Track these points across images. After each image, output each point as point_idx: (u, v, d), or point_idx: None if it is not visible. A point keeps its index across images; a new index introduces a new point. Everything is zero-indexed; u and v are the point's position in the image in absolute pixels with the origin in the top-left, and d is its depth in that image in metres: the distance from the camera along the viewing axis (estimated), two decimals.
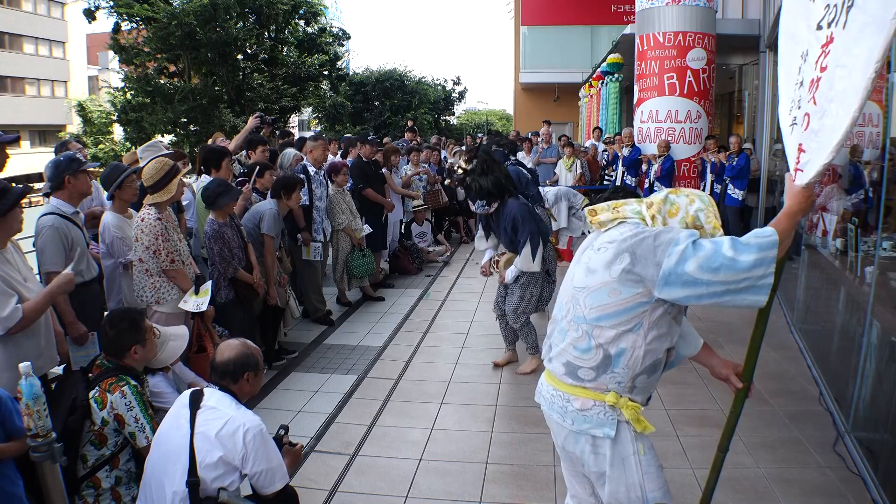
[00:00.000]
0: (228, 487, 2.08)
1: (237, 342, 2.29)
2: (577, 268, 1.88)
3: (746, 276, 1.62)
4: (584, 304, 1.79)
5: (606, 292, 1.75)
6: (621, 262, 1.73)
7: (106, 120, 24.80)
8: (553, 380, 1.93)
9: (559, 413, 1.89)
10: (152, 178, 3.47)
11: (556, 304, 1.97)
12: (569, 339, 1.84)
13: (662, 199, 1.84)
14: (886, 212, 3.58)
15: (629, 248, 1.73)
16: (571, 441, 1.90)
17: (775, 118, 8.63)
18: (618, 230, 1.83)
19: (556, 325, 1.94)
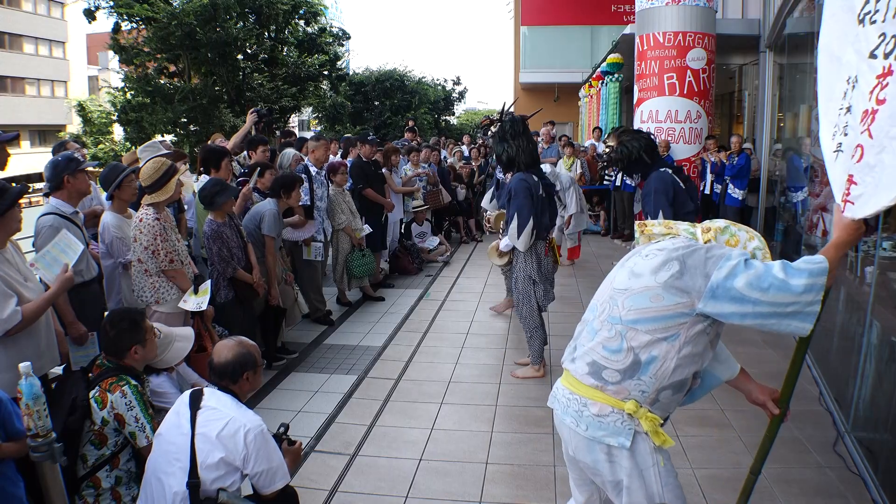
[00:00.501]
0: (229, 488, 2.08)
1: (233, 342, 2.28)
2: (621, 271, 1.85)
3: (795, 301, 1.61)
4: (623, 305, 1.76)
5: (648, 297, 1.72)
6: (669, 269, 1.71)
7: (106, 120, 24.80)
8: (572, 382, 1.86)
9: (573, 417, 1.82)
10: (150, 178, 3.47)
11: (590, 307, 1.92)
12: (599, 338, 1.80)
13: (721, 228, 1.83)
14: (886, 212, 3.58)
15: (680, 257, 1.72)
16: (584, 450, 1.82)
17: (775, 118, 8.64)
18: (669, 241, 1.83)
19: (586, 325, 1.90)
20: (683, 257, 1.72)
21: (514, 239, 4.09)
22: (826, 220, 5.14)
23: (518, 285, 4.26)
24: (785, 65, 8.05)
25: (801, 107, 6.77)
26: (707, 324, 1.73)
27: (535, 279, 4.20)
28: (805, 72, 6.38)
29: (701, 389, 1.98)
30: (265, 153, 5.56)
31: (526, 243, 4.09)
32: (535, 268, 4.18)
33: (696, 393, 1.98)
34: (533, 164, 4.20)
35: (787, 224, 6.92)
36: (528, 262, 4.19)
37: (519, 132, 4.16)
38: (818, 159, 5.54)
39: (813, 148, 5.65)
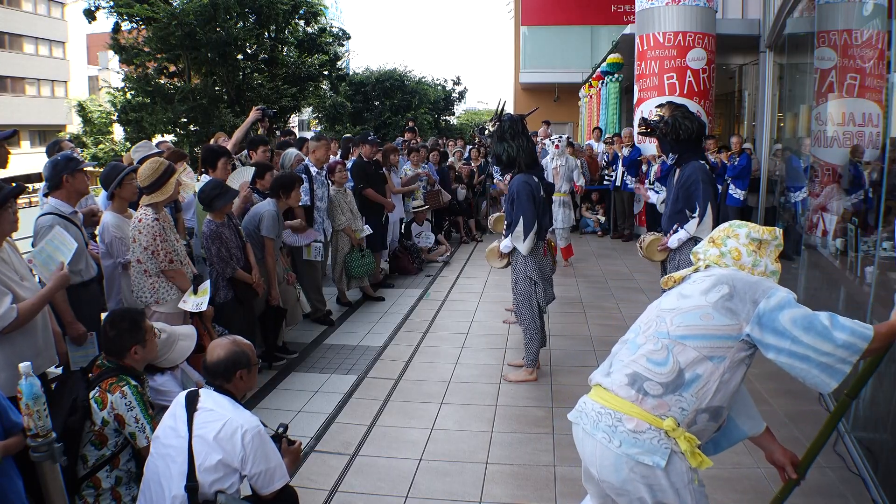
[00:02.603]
0: (228, 489, 2.07)
1: (227, 341, 2.27)
2: (669, 296, 1.91)
3: (831, 352, 1.64)
4: (671, 322, 1.79)
5: (699, 315, 1.76)
6: (719, 291, 1.77)
7: (106, 120, 24.79)
8: (604, 397, 1.80)
9: (606, 432, 1.73)
10: (148, 179, 3.47)
11: (632, 328, 1.94)
12: (643, 351, 1.79)
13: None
14: (886, 212, 3.58)
15: (729, 280, 1.79)
16: (610, 468, 1.73)
17: (775, 118, 8.64)
18: (717, 268, 1.92)
19: (626, 343, 1.90)
20: (734, 281, 1.79)
21: (520, 242, 4.08)
22: (826, 220, 5.14)
23: (518, 286, 4.25)
24: (785, 65, 8.05)
25: (801, 107, 6.77)
26: (749, 353, 1.76)
27: (535, 279, 4.20)
28: (805, 72, 6.38)
29: (726, 440, 1.99)
30: (265, 153, 5.56)
31: (529, 247, 4.08)
32: (534, 268, 4.18)
33: (722, 443, 1.99)
34: (533, 165, 4.19)
35: (787, 224, 6.92)
36: (527, 264, 4.18)
37: (518, 132, 4.15)
38: (818, 159, 5.54)
39: (813, 148, 5.66)
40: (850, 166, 5.00)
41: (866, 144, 4.93)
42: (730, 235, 1.97)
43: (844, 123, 5.26)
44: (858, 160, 4.93)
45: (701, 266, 1.97)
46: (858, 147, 4.98)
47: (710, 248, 1.99)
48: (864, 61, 5.02)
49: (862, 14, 5.09)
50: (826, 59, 5.33)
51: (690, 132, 3.87)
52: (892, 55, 4.39)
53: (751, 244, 1.93)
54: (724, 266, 1.92)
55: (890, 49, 4.51)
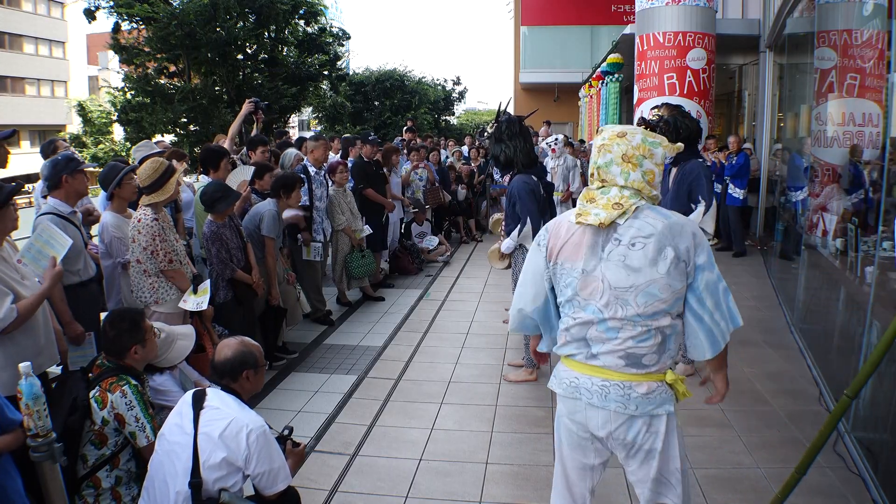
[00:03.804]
0: (231, 488, 2.07)
1: (235, 341, 2.28)
2: (608, 266, 1.83)
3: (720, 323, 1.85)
4: (637, 303, 1.81)
5: (657, 289, 1.80)
6: (666, 257, 1.79)
7: (106, 120, 24.80)
8: (605, 372, 1.87)
9: (619, 402, 1.84)
10: (149, 179, 3.46)
11: (581, 305, 1.89)
12: (624, 335, 1.83)
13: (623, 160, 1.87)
14: (886, 212, 3.58)
15: (669, 240, 1.80)
16: (625, 427, 1.87)
17: (775, 118, 8.64)
18: (645, 221, 1.82)
19: (595, 325, 1.87)
20: (673, 239, 1.80)
21: (529, 241, 4.07)
22: (826, 220, 5.14)
23: None
24: (785, 65, 8.06)
25: (801, 107, 6.77)
26: None
27: None
28: (805, 72, 6.38)
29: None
30: (264, 154, 5.56)
31: None
32: None
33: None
34: (531, 165, 4.19)
35: (787, 224, 6.92)
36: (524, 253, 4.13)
37: (516, 132, 4.13)
38: (818, 159, 5.54)
39: (813, 148, 5.66)
40: (850, 166, 5.00)
41: (866, 144, 4.94)
42: (644, 154, 1.84)
43: (844, 123, 5.26)
44: (858, 160, 4.94)
45: (627, 207, 1.82)
46: (858, 147, 4.98)
47: (628, 170, 1.84)
48: (864, 61, 5.02)
49: (862, 14, 5.09)
50: (826, 59, 5.34)
51: (690, 131, 3.94)
52: (892, 55, 4.40)
53: (647, 150, 1.86)
54: (644, 193, 1.85)
55: (890, 49, 4.51)
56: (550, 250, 1.96)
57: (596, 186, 1.90)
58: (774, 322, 5.42)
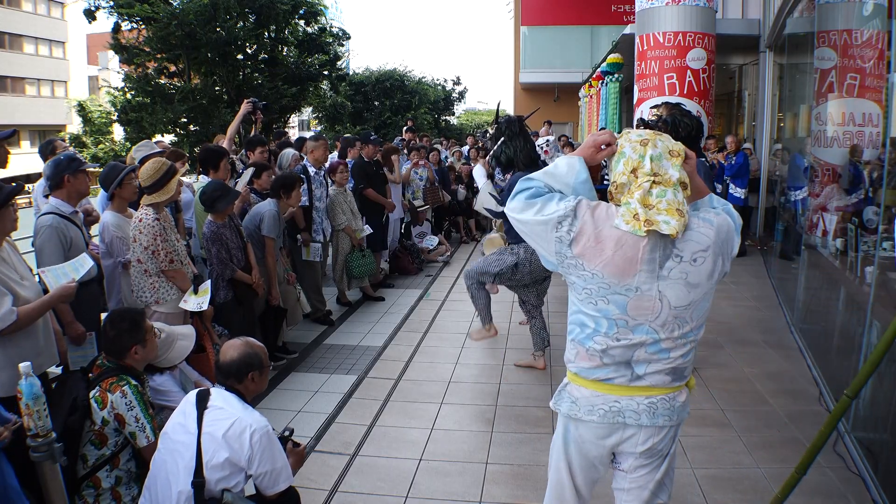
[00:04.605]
0: (234, 488, 2.08)
1: (240, 342, 2.28)
2: (668, 285, 1.67)
3: None
4: (692, 319, 1.73)
5: (707, 301, 1.74)
6: (719, 267, 1.71)
7: (106, 120, 24.80)
8: (651, 390, 1.77)
9: (666, 415, 1.77)
10: (150, 179, 3.47)
11: (636, 328, 1.72)
12: (675, 354, 1.74)
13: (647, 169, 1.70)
14: (886, 208, 3.58)
15: (722, 250, 1.71)
16: (661, 437, 1.80)
17: (775, 118, 8.64)
18: (700, 232, 1.68)
19: (645, 347, 1.73)
20: (724, 247, 1.72)
21: (487, 201, 4.12)
22: (826, 220, 5.14)
23: (500, 257, 4.16)
24: (785, 65, 8.06)
25: (801, 107, 6.78)
26: None
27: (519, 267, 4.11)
28: (805, 72, 6.38)
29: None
30: (263, 154, 5.56)
31: (490, 206, 4.13)
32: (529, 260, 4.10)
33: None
34: (532, 164, 4.18)
35: (787, 224, 6.92)
36: (528, 252, 4.07)
37: (516, 132, 4.14)
38: (818, 159, 5.54)
39: (813, 148, 5.66)
40: (850, 166, 5.00)
41: (866, 144, 4.94)
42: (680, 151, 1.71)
43: (844, 123, 5.26)
44: (858, 160, 4.94)
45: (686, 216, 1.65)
46: (858, 147, 4.98)
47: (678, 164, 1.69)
48: (864, 61, 5.02)
49: (862, 14, 5.09)
50: (826, 59, 5.34)
51: (690, 129, 3.90)
52: (892, 55, 4.40)
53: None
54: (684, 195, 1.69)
55: (890, 49, 4.51)
56: (578, 248, 1.69)
57: (648, 185, 1.65)
58: (774, 322, 5.42)
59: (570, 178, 1.79)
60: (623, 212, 1.66)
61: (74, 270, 2.86)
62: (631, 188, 1.69)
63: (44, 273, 2.83)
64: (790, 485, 2.12)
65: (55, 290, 2.70)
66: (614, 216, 1.67)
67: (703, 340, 3.92)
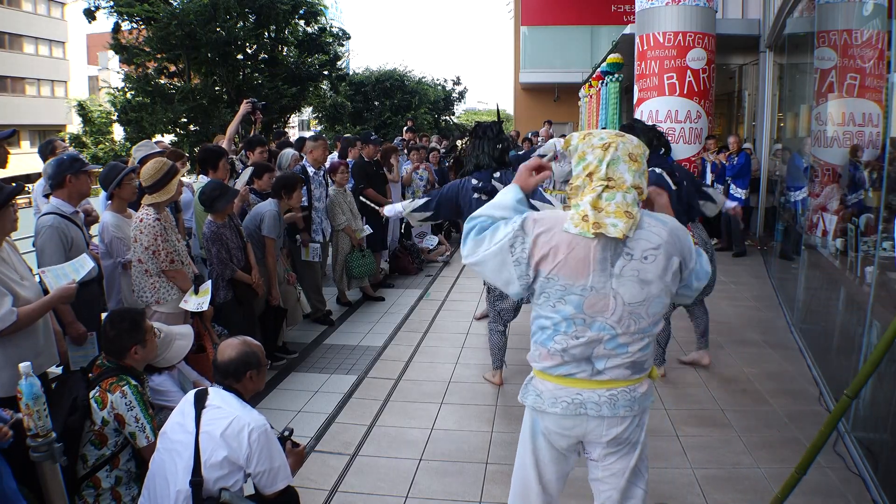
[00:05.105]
0: (232, 487, 2.08)
1: (238, 341, 2.28)
2: (621, 282, 1.74)
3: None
4: (648, 314, 1.79)
5: (663, 297, 1.81)
6: (672, 266, 1.78)
7: (106, 120, 24.78)
8: (611, 383, 1.83)
9: (626, 406, 1.84)
10: (151, 179, 3.47)
11: (589, 323, 1.78)
12: (633, 349, 1.82)
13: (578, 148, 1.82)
14: (887, 206, 3.58)
15: (675, 250, 1.79)
16: (625, 427, 1.87)
17: (775, 118, 8.64)
18: (651, 231, 1.76)
19: (603, 343, 1.80)
20: (680, 248, 1.80)
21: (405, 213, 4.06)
22: (826, 220, 5.14)
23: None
24: (785, 65, 8.06)
25: (801, 107, 6.78)
26: None
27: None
28: (805, 72, 6.38)
29: None
30: (263, 154, 5.56)
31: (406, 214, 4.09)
32: None
33: None
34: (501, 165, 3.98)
35: (787, 224, 6.92)
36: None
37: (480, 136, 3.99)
38: (818, 159, 5.55)
39: (813, 148, 5.66)
40: (850, 166, 5.01)
41: (866, 144, 4.94)
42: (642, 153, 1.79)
43: (844, 123, 5.26)
44: (858, 160, 4.94)
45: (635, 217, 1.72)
46: (858, 147, 4.98)
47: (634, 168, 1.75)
48: (864, 61, 5.02)
49: (862, 14, 5.09)
50: (826, 59, 5.34)
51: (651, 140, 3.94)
52: (892, 55, 4.40)
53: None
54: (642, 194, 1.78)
55: (890, 49, 4.52)
56: (535, 261, 1.77)
57: (600, 189, 1.73)
58: (774, 322, 5.42)
59: (507, 200, 1.89)
60: (573, 214, 1.75)
61: (75, 271, 2.86)
62: (585, 191, 1.77)
63: (44, 273, 2.83)
64: (790, 485, 2.13)
65: (55, 290, 2.70)
66: (563, 220, 1.76)
67: None
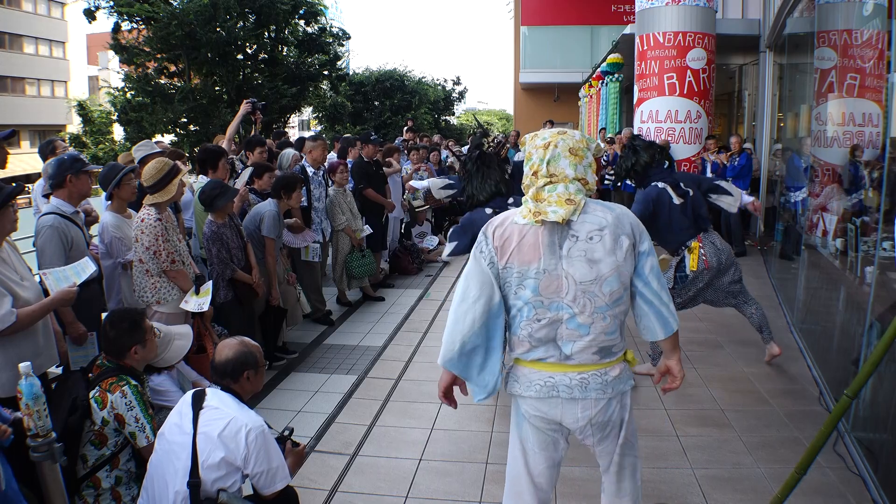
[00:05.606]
0: (230, 488, 2.08)
1: (235, 341, 2.28)
2: (570, 263, 1.85)
3: (668, 304, 1.97)
4: (602, 293, 1.87)
5: (617, 276, 1.88)
6: (622, 245, 1.87)
7: (106, 120, 24.76)
8: (581, 367, 1.93)
9: (598, 389, 1.93)
10: (152, 179, 3.47)
11: (548, 304, 1.89)
12: (596, 330, 1.90)
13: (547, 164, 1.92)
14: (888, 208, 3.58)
15: (623, 229, 1.89)
16: (603, 410, 1.95)
17: (775, 118, 8.64)
18: (595, 215, 1.89)
19: (564, 323, 1.89)
20: (628, 228, 1.89)
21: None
22: (826, 220, 5.14)
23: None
24: (785, 65, 8.06)
25: (801, 107, 6.78)
26: None
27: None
28: (805, 72, 6.38)
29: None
30: (262, 154, 5.56)
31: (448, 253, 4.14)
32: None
33: None
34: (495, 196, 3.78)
35: (787, 224, 6.92)
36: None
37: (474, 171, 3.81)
38: (818, 159, 5.55)
39: (813, 148, 5.66)
40: (850, 166, 5.01)
41: (866, 144, 4.94)
42: (586, 146, 1.94)
43: (844, 123, 5.27)
44: (858, 160, 4.94)
45: (578, 203, 1.86)
46: (858, 147, 4.98)
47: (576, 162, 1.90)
48: (864, 61, 5.02)
49: (862, 14, 5.09)
50: (826, 59, 5.34)
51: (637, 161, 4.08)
52: (892, 55, 4.40)
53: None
54: (589, 185, 1.93)
55: (890, 49, 4.52)
56: (498, 254, 1.91)
57: (542, 183, 1.90)
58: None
59: None
60: (522, 210, 1.93)
61: (76, 274, 2.87)
62: (532, 188, 1.93)
63: (45, 276, 2.83)
64: (790, 485, 2.13)
65: (56, 293, 2.70)
66: (514, 215, 1.94)
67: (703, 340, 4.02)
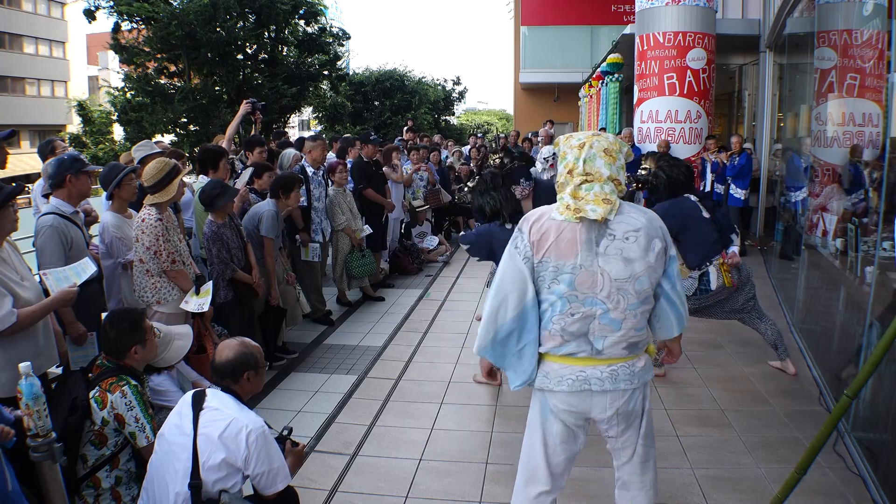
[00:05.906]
0: (231, 489, 2.07)
1: (235, 342, 2.28)
2: (606, 260, 1.93)
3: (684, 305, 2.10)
4: (634, 291, 1.95)
5: (648, 276, 1.96)
6: (655, 248, 1.95)
7: (106, 120, 24.76)
8: (610, 361, 2.01)
9: (626, 380, 2.01)
10: (153, 179, 3.47)
11: (583, 300, 1.95)
12: (627, 326, 1.97)
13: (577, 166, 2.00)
14: (888, 209, 3.58)
15: (657, 232, 1.98)
16: (627, 400, 2.03)
17: (775, 118, 8.64)
18: (630, 216, 1.96)
19: (597, 318, 1.96)
20: (659, 232, 1.98)
21: None
22: (826, 220, 5.14)
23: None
24: (785, 65, 8.06)
25: (801, 107, 6.78)
26: None
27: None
28: (805, 72, 6.38)
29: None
30: (262, 154, 5.56)
31: None
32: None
33: None
34: (515, 214, 3.91)
35: (787, 224, 6.92)
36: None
37: (499, 184, 3.99)
38: (818, 159, 5.55)
39: (813, 148, 5.66)
40: (850, 166, 5.01)
41: (866, 144, 4.94)
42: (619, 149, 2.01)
43: (844, 123, 5.26)
44: (858, 160, 4.94)
45: (614, 203, 1.93)
46: (858, 147, 4.98)
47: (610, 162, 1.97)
48: (864, 61, 5.02)
49: (862, 14, 5.09)
50: (826, 59, 5.34)
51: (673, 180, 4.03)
52: (892, 55, 4.40)
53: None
54: (621, 186, 1.99)
55: (890, 49, 4.52)
56: (534, 248, 1.98)
57: (579, 182, 1.96)
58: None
59: None
60: (559, 206, 1.98)
61: (76, 275, 2.86)
62: (568, 185, 1.99)
63: (45, 276, 2.83)
64: (790, 485, 2.13)
65: (56, 293, 2.70)
66: (550, 211, 2.00)
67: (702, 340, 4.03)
